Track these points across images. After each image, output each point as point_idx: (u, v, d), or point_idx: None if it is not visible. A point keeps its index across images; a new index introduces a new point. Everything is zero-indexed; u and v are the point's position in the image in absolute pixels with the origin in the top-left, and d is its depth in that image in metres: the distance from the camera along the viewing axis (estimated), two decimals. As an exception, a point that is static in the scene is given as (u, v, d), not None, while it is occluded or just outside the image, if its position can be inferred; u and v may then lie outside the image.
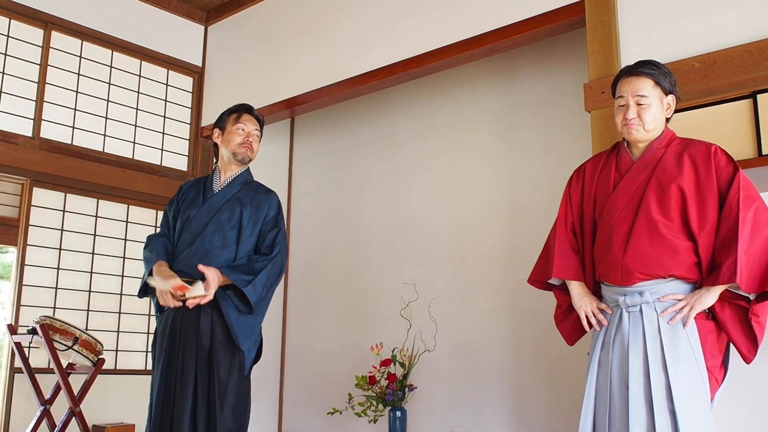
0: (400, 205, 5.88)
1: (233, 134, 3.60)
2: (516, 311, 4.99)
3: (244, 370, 3.36)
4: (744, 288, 2.49)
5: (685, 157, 2.71)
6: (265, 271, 3.35)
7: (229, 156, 3.60)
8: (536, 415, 4.79)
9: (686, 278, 2.65)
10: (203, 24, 6.40)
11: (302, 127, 6.87)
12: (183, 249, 3.43)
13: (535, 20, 4.17)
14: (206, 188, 3.60)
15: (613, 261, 2.74)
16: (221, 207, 3.49)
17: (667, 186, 2.68)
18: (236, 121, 3.62)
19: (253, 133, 3.64)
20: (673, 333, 2.58)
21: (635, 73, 2.84)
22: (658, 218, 2.67)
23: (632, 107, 2.80)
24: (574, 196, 3.01)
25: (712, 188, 2.63)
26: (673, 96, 2.86)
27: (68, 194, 5.51)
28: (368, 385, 4.91)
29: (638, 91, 2.80)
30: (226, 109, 3.73)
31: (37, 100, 5.33)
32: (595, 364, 2.77)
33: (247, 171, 3.66)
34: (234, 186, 3.57)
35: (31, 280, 5.23)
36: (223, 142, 3.63)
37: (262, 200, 3.54)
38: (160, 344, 3.38)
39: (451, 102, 5.70)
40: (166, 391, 3.26)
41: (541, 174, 4.99)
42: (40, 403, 4.58)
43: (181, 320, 3.32)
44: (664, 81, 2.82)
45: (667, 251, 2.64)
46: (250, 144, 3.61)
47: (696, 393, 2.52)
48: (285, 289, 6.58)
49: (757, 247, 2.53)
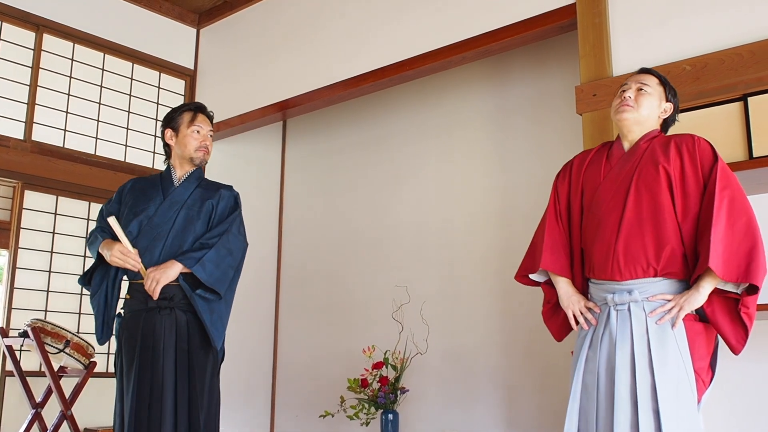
0: (392, 207, 5.89)
1: (188, 137, 3.45)
2: (507, 313, 5.00)
3: (217, 369, 3.37)
4: (720, 275, 2.48)
5: (671, 146, 2.73)
6: (213, 249, 3.27)
7: (185, 158, 3.48)
8: (528, 417, 4.80)
9: (676, 273, 2.65)
10: (195, 27, 6.39)
11: (294, 130, 6.86)
12: (151, 245, 3.33)
13: (527, 23, 4.18)
14: (164, 185, 3.48)
15: (605, 251, 2.74)
16: (185, 202, 3.41)
17: (653, 169, 2.70)
18: (191, 122, 3.47)
19: (208, 135, 3.51)
20: (661, 333, 2.58)
21: (645, 71, 2.95)
22: (647, 204, 2.68)
23: (632, 89, 2.87)
24: (561, 190, 3.01)
25: (696, 177, 2.65)
26: (672, 105, 2.90)
27: (60, 197, 5.49)
28: (360, 388, 4.91)
29: (642, 79, 2.89)
30: (175, 108, 3.58)
31: (28, 102, 5.31)
32: (582, 362, 2.77)
33: (200, 168, 3.55)
34: (192, 181, 3.48)
35: (22, 283, 5.22)
36: (178, 144, 3.48)
37: (224, 194, 3.49)
38: (129, 351, 3.27)
39: (442, 104, 5.71)
40: (142, 397, 3.17)
41: (533, 176, 5.00)
42: (32, 407, 4.56)
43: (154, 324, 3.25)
44: (668, 87, 2.91)
45: (657, 238, 2.65)
46: (207, 148, 3.50)
47: (682, 394, 2.52)
48: (277, 292, 6.57)
49: (734, 236, 2.53)
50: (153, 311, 3.27)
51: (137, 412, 3.16)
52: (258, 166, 6.59)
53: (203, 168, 3.59)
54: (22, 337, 4.42)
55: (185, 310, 3.30)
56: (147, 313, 3.28)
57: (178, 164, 3.52)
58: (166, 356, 3.21)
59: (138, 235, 3.35)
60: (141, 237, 3.35)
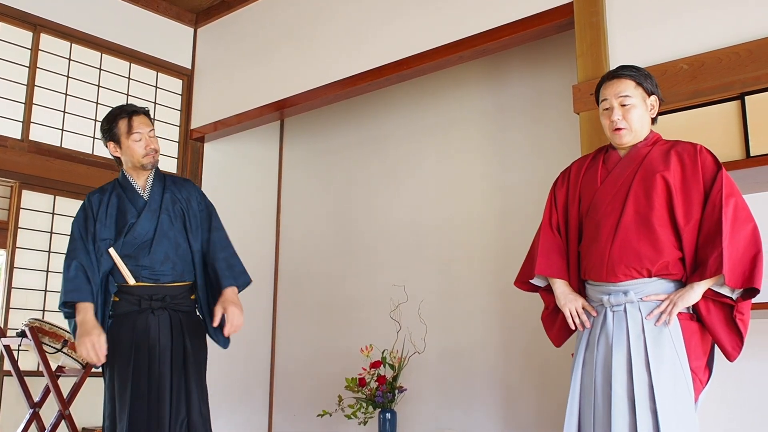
0: (390, 206, 5.89)
1: (132, 146, 3.34)
2: (505, 312, 5.00)
3: (205, 365, 3.39)
4: (728, 282, 2.51)
5: (672, 153, 2.75)
6: (235, 254, 3.46)
7: (135, 166, 3.40)
8: (526, 417, 4.80)
9: (671, 275, 2.66)
10: (192, 26, 6.39)
11: (292, 129, 6.86)
12: (135, 253, 3.30)
13: (524, 22, 4.18)
14: (129, 196, 3.38)
15: (600, 255, 2.76)
16: (161, 207, 3.38)
17: (652, 176, 2.71)
18: (129, 130, 3.33)
19: (150, 134, 3.39)
20: (657, 333, 2.60)
21: (616, 76, 2.88)
22: (645, 210, 2.69)
23: (617, 109, 2.83)
24: (559, 197, 3.03)
25: (698, 185, 2.66)
26: (656, 97, 2.89)
27: (57, 197, 5.49)
28: (358, 387, 4.91)
29: (621, 92, 2.83)
30: (107, 116, 3.42)
31: (26, 102, 5.31)
32: (579, 364, 2.79)
33: (157, 168, 3.49)
34: (158, 185, 3.43)
35: (20, 282, 5.21)
36: (124, 154, 3.37)
37: (190, 191, 3.50)
38: (125, 349, 3.24)
39: (440, 104, 5.71)
40: (140, 397, 3.16)
41: (530, 175, 5.00)
42: (30, 406, 4.55)
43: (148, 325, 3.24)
44: (645, 82, 2.85)
45: (653, 243, 2.66)
46: (154, 149, 3.38)
47: (679, 393, 2.54)
48: (274, 290, 6.57)
49: (739, 242, 2.55)
50: (146, 312, 3.26)
51: (135, 412, 3.15)
52: (255, 166, 6.59)
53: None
54: (19, 336, 4.41)
55: (178, 310, 3.32)
56: (140, 315, 3.27)
57: (133, 171, 3.43)
58: (162, 356, 3.22)
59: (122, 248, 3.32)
60: (124, 247, 3.31)
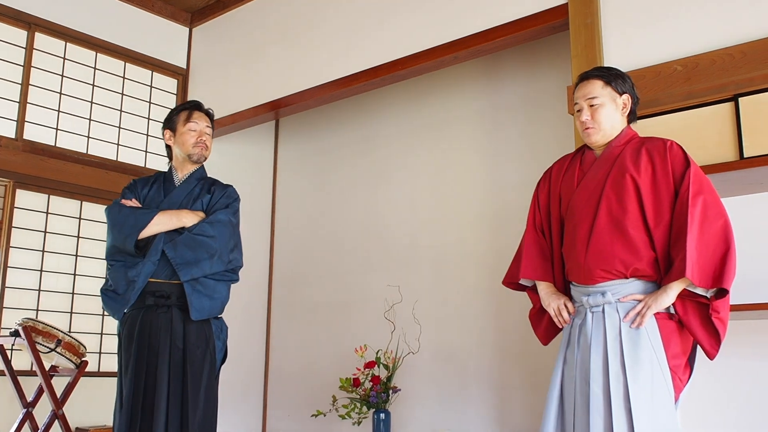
0: (384, 206, 5.89)
1: (185, 135, 3.51)
2: (499, 313, 5.00)
3: (215, 370, 3.37)
4: (696, 283, 2.50)
5: (642, 152, 2.75)
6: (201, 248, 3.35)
7: (184, 156, 3.54)
8: (519, 417, 4.80)
9: (647, 276, 2.67)
10: (187, 26, 6.38)
11: (287, 129, 6.86)
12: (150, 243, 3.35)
13: (520, 23, 4.19)
14: (166, 186, 3.55)
15: (577, 260, 2.78)
16: (181, 203, 3.46)
17: (622, 178, 2.72)
18: (187, 120, 3.53)
19: (206, 130, 3.56)
20: (635, 333, 2.61)
21: (585, 78, 2.92)
22: (618, 213, 2.70)
23: (585, 110, 2.86)
24: (541, 198, 3.05)
25: (668, 183, 2.66)
26: (629, 96, 2.89)
27: (51, 196, 5.47)
28: (352, 388, 4.91)
29: (589, 94, 2.87)
30: (173, 108, 3.66)
31: (20, 101, 5.30)
32: (560, 362, 2.82)
33: (202, 167, 3.61)
34: (191, 182, 3.54)
35: (13, 282, 5.20)
36: (176, 143, 3.55)
37: (216, 190, 3.53)
38: (127, 349, 3.31)
39: (435, 104, 5.71)
40: (136, 397, 3.21)
41: (525, 176, 5.00)
42: (23, 406, 4.55)
43: (150, 322, 3.29)
44: (614, 81, 2.87)
45: (627, 247, 2.67)
46: (204, 143, 3.54)
47: (658, 393, 2.54)
48: (269, 290, 6.57)
49: (707, 241, 2.55)
50: (150, 309, 3.31)
51: (131, 408, 3.20)
52: (250, 166, 6.58)
53: (203, 165, 3.62)
54: (13, 336, 4.41)
55: (182, 309, 3.32)
56: (145, 311, 3.32)
57: (179, 165, 3.58)
58: (160, 354, 3.24)
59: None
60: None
